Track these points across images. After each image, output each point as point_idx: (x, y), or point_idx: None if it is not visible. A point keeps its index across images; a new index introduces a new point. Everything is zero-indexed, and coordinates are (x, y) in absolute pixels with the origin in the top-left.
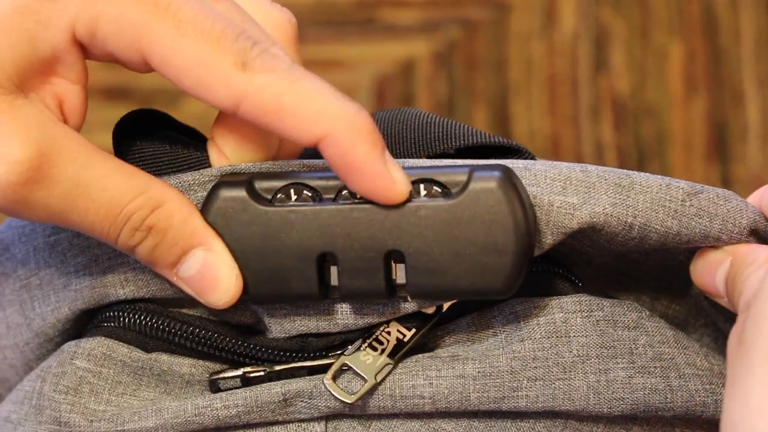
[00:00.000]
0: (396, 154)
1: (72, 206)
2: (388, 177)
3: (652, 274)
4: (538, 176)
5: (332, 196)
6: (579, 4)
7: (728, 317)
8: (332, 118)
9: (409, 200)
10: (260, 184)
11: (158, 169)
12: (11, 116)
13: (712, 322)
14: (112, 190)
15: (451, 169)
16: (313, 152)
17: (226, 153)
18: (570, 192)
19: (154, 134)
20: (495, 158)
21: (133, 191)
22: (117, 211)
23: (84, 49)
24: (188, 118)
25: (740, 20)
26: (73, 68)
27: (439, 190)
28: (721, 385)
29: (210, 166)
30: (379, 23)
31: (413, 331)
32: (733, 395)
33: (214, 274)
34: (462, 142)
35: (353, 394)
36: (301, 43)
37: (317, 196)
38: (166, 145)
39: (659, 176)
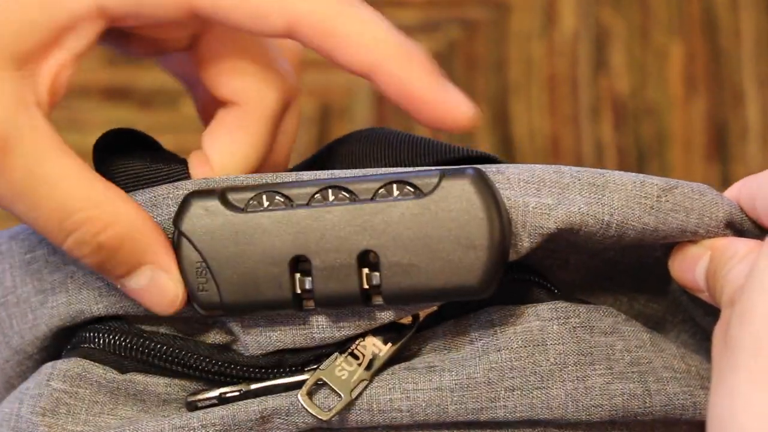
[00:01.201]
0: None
1: (19, 197)
2: (450, 100)
3: (629, 272)
4: (511, 179)
5: (305, 201)
6: (579, 4)
7: (708, 311)
8: (386, 47)
9: (381, 198)
10: (233, 195)
11: (138, 185)
12: None
13: (690, 317)
14: (63, 194)
15: (423, 171)
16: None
17: (214, 158)
18: (544, 193)
19: (134, 152)
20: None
21: (86, 201)
22: (63, 216)
23: (111, 19)
24: (188, 118)
25: (740, 20)
26: (84, 39)
27: (412, 190)
28: (699, 387)
29: (188, 176)
30: None
31: (389, 345)
32: (720, 392)
33: (159, 291)
34: (433, 158)
35: (329, 410)
36: None
37: (290, 202)
38: (147, 162)
39: (633, 174)
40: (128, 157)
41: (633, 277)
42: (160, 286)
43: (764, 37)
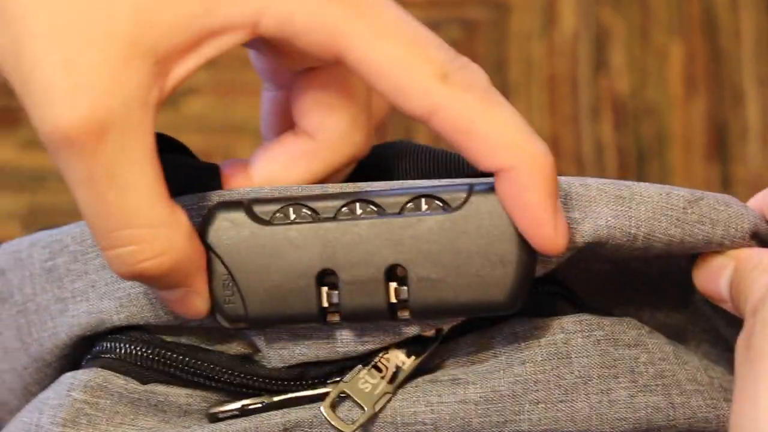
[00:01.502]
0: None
1: (88, 185)
2: (552, 226)
3: (652, 282)
4: None
5: (332, 215)
6: (579, 4)
7: (730, 322)
8: (520, 153)
9: (409, 213)
10: (259, 207)
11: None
12: (115, 75)
13: (712, 327)
14: (127, 202)
15: (451, 186)
16: None
17: (261, 175)
18: (571, 207)
19: (170, 158)
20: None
21: (146, 219)
22: (118, 225)
23: (253, 35)
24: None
25: (740, 20)
26: (221, 48)
27: (441, 204)
28: (722, 400)
29: (220, 184)
30: None
31: (412, 357)
32: (742, 401)
33: (186, 306)
34: (456, 173)
35: (352, 423)
36: None
37: (316, 215)
38: (175, 167)
39: (659, 185)
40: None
41: (656, 287)
42: (189, 303)
43: (764, 37)
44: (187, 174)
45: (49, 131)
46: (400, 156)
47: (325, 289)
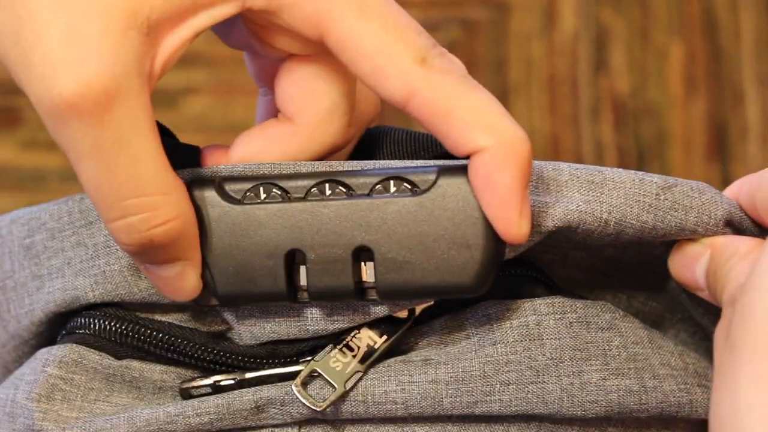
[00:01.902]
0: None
1: (97, 155)
2: (517, 211)
3: (628, 270)
4: None
5: (302, 195)
6: (579, 4)
7: (707, 310)
8: (497, 134)
9: (378, 195)
10: (230, 186)
11: None
12: (115, 45)
13: (689, 316)
14: (141, 171)
15: (421, 168)
16: None
17: (239, 156)
18: (542, 191)
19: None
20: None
21: (158, 187)
22: (129, 193)
23: (242, 8)
24: (187, 118)
25: (740, 20)
26: (211, 19)
27: (409, 187)
28: (696, 385)
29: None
30: None
31: (384, 337)
32: (721, 391)
33: (183, 283)
34: (433, 153)
35: (323, 401)
36: None
37: (287, 195)
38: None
39: (632, 171)
40: None
41: (632, 274)
42: (186, 279)
43: (764, 37)
44: (168, 154)
45: (55, 103)
46: (377, 140)
47: (294, 269)
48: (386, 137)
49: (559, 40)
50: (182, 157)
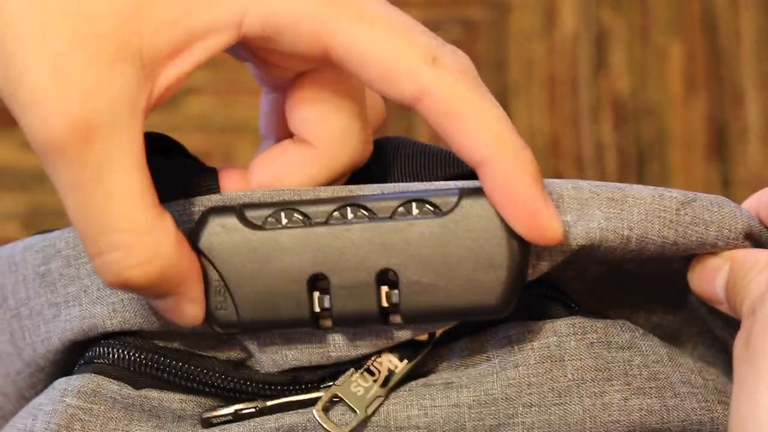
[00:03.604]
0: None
1: (76, 190)
2: (546, 214)
3: (647, 284)
4: None
5: (323, 219)
6: (579, 4)
7: (726, 323)
8: (504, 145)
9: (401, 217)
10: (251, 212)
11: (164, 197)
12: (102, 77)
13: (707, 329)
14: (113, 207)
15: (442, 190)
16: None
17: (260, 182)
18: (564, 210)
19: (162, 160)
20: None
21: (131, 224)
22: (104, 230)
23: (240, 37)
24: (188, 118)
25: (740, 20)
26: (209, 51)
27: (431, 209)
28: (716, 402)
29: (218, 188)
30: None
31: (405, 361)
32: (741, 400)
33: (179, 314)
34: (449, 171)
35: (345, 426)
36: None
37: (308, 220)
38: (174, 172)
39: (651, 187)
40: (156, 167)
41: (651, 289)
42: (181, 310)
43: (764, 37)
44: (185, 177)
45: (39, 137)
46: (392, 156)
47: (317, 293)
48: (400, 152)
49: (559, 40)
50: (198, 179)
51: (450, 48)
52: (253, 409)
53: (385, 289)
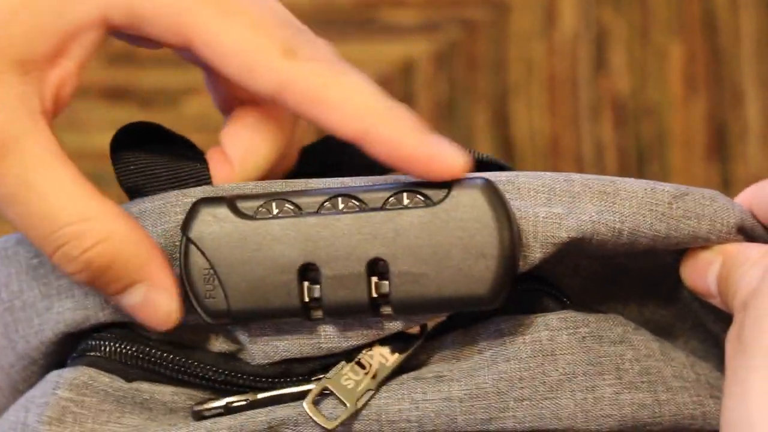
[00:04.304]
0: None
1: (11, 204)
2: (441, 153)
3: (639, 278)
4: (521, 189)
5: (314, 209)
6: (579, 4)
7: (719, 317)
8: (375, 113)
9: (391, 207)
10: (242, 203)
11: (156, 184)
12: None
13: (700, 323)
14: (53, 205)
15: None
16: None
17: (235, 156)
18: (555, 202)
19: (152, 148)
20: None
21: (76, 215)
22: (53, 228)
23: (111, 29)
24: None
25: (740, 20)
26: (87, 48)
27: (422, 199)
28: (708, 396)
29: (209, 177)
30: (379, 23)
31: (396, 354)
32: (733, 395)
33: (153, 308)
34: None
35: (335, 419)
36: None
37: (299, 210)
38: (165, 160)
39: (644, 181)
40: (147, 155)
41: (643, 283)
42: (154, 303)
43: (764, 37)
44: (176, 166)
45: None
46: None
47: (306, 283)
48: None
49: (559, 40)
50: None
51: (308, 37)
52: (244, 402)
53: (375, 279)
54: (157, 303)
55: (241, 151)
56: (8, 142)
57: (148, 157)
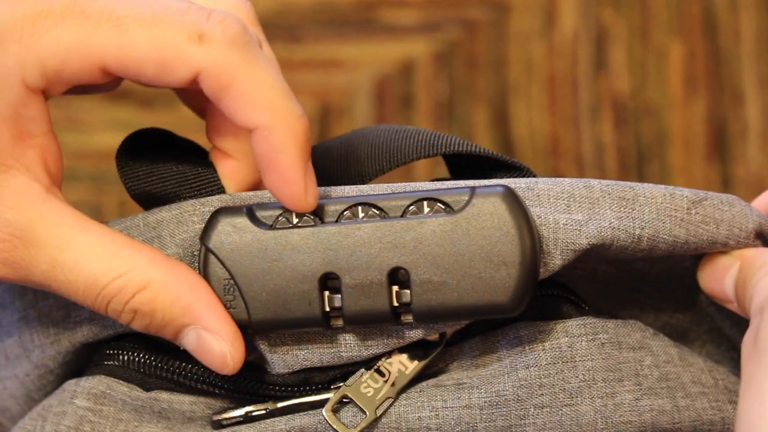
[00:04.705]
0: (374, 165)
1: (53, 283)
2: (302, 185)
3: (657, 283)
4: (540, 196)
5: (334, 219)
6: (579, 4)
7: (735, 322)
8: (275, 114)
9: (412, 216)
10: (261, 212)
11: (166, 192)
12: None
13: (716, 327)
14: (88, 272)
15: (454, 189)
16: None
17: (228, 151)
18: (574, 209)
19: (160, 155)
20: (496, 177)
21: (112, 273)
22: (95, 292)
23: (43, 93)
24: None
25: (740, 20)
26: (40, 118)
27: (443, 207)
28: (727, 402)
29: (218, 180)
30: (379, 23)
31: (415, 362)
32: (749, 397)
33: (207, 351)
34: (436, 151)
35: (354, 427)
36: (301, 43)
37: (319, 219)
38: (173, 166)
39: (662, 186)
40: (154, 160)
41: (660, 288)
42: (207, 346)
43: (764, 37)
44: (186, 176)
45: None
46: (379, 145)
47: (327, 293)
48: (385, 141)
49: (559, 40)
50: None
51: (218, 17)
52: (264, 411)
53: (396, 288)
54: (210, 346)
55: (230, 144)
56: (26, 234)
57: (156, 163)
